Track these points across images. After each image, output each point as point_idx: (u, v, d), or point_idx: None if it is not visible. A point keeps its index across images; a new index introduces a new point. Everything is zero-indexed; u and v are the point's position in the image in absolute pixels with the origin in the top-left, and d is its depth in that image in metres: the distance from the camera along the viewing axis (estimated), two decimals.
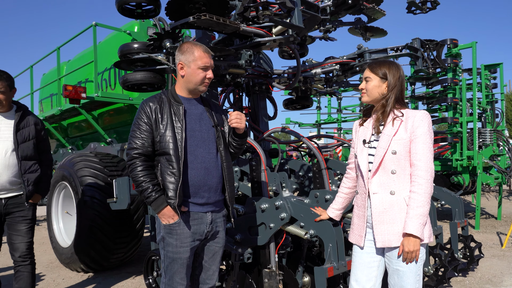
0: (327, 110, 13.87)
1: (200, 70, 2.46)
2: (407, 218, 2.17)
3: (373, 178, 2.29)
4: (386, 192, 2.26)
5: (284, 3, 3.28)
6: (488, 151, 8.06)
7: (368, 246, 2.37)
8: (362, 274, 2.37)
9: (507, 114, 25.70)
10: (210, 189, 2.50)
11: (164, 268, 2.49)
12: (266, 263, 3.30)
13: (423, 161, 2.19)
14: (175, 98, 2.52)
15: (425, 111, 2.29)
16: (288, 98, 6.02)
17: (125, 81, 4.35)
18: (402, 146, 2.23)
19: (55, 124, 8.13)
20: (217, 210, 2.58)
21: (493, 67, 9.30)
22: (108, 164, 5.24)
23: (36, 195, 3.57)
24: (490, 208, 10.41)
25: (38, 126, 3.61)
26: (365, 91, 2.39)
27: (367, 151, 2.37)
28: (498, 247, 6.24)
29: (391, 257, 2.26)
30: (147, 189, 2.36)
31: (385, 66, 2.35)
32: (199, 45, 2.50)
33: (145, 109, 2.45)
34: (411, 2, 4.33)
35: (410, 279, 2.21)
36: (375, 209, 2.27)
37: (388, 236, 2.22)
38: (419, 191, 2.17)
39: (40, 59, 8.01)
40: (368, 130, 2.42)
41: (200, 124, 2.53)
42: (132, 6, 3.86)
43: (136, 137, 2.43)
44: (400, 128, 2.26)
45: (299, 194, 4.64)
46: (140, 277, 5.03)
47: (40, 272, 5.38)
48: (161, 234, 2.46)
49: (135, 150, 2.41)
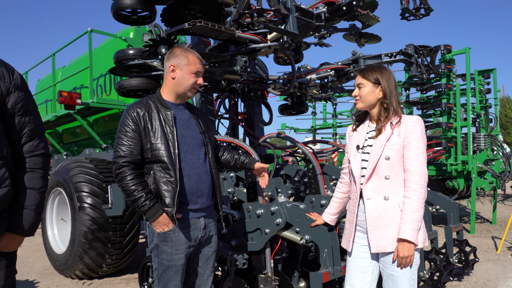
0: (322, 115, 13.91)
1: (192, 75, 2.44)
2: (401, 223, 2.18)
3: (367, 184, 2.30)
4: (380, 198, 2.27)
5: (279, 10, 3.30)
6: (483, 155, 8.11)
7: (362, 251, 2.37)
8: (356, 279, 2.37)
9: (501, 119, 25.86)
10: (202, 195, 2.49)
11: (158, 276, 2.45)
12: (262, 269, 3.30)
13: (416, 166, 2.20)
14: (163, 103, 2.46)
15: (418, 117, 2.30)
16: (283, 103, 6.04)
17: (121, 87, 4.35)
18: (395, 151, 2.24)
19: (50, 130, 8.11)
20: (209, 215, 2.57)
21: (487, 72, 9.39)
22: (103, 170, 5.22)
23: (6, 237, 1.86)
24: (485, 212, 10.45)
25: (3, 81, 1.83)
26: (359, 98, 2.39)
27: (361, 156, 2.38)
28: (493, 252, 6.26)
29: (386, 262, 2.27)
30: (140, 198, 2.29)
31: (376, 71, 2.35)
32: (192, 51, 2.50)
33: (132, 115, 2.38)
34: (405, 9, 4.38)
35: (405, 284, 2.21)
36: (369, 215, 2.28)
37: (383, 241, 2.23)
38: (413, 196, 2.18)
39: (35, 65, 8.01)
40: (361, 135, 2.43)
41: (188, 130, 2.50)
42: (127, 13, 3.87)
43: (123, 144, 2.35)
44: (393, 133, 2.27)
45: (295, 200, 4.65)
46: (135, 283, 5.00)
47: (34, 279, 5.34)
48: (155, 242, 2.42)
49: (123, 158, 2.33)
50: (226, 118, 5.60)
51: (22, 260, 6.51)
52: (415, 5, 4.48)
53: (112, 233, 4.91)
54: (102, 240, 4.85)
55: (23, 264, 6.22)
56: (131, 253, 5.23)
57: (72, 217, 5.01)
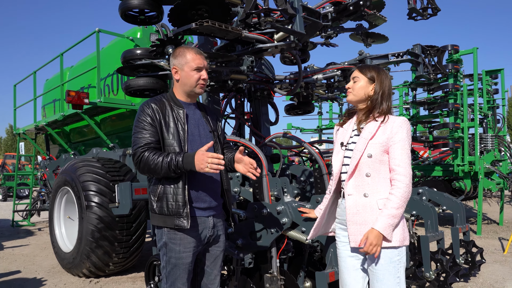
0: (328, 115, 13.88)
1: (194, 71, 2.45)
2: (379, 215, 2.22)
3: (349, 181, 2.35)
4: (360, 194, 2.31)
5: (286, 10, 3.31)
6: (490, 156, 8.06)
7: (349, 249, 2.40)
8: (349, 277, 2.40)
9: (508, 119, 25.67)
10: (211, 193, 2.51)
11: (166, 273, 2.47)
12: (268, 268, 3.31)
13: (402, 166, 2.24)
14: (176, 102, 2.52)
15: (404, 118, 2.35)
16: (289, 103, 6.04)
17: (128, 86, 4.38)
18: (378, 149, 2.28)
19: (57, 130, 8.17)
20: (218, 214, 2.59)
21: (494, 72, 9.33)
22: (110, 169, 5.26)
23: None
24: (491, 213, 10.38)
25: None
26: (351, 90, 2.43)
27: (343, 153, 2.43)
28: (500, 253, 6.22)
29: (369, 259, 2.31)
30: (170, 161, 2.26)
31: (374, 70, 2.40)
32: (191, 47, 2.52)
33: (148, 111, 2.42)
34: (412, 9, 4.36)
35: (390, 281, 2.23)
36: (349, 210, 2.33)
37: (360, 237, 2.27)
38: (396, 193, 2.22)
39: (43, 65, 8.08)
40: (347, 132, 2.47)
41: (199, 129, 2.54)
42: (135, 13, 3.90)
43: (142, 137, 2.37)
44: (378, 131, 2.31)
45: (301, 199, 4.65)
46: (141, 282, 5.03)
47: (42, 277, 5.39)
48: (163, 240, 2.44)
49: (143, 147, 2.34)
50: (232, 118, 5.62)
51: (30, 258, 6.57)
52: (422, 4, 4.46)
53: (119, 232, 4.94)
54: (109, 239, 4.89)
55: (31, 262, 6.28)
56: (137, 252, 5.26)
57: (80, 215, 5.05)
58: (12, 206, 10.46)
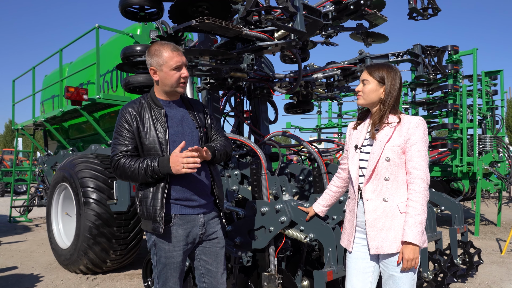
0: (327, 114, 13.88)
1: (173, 71, 2.36)
2: (405, 226, 2.17)
3: (367, 185, 2.28)
4: (379, 199, 2.25)
5: (287, 8, 3.30)
6: (488, 157, 8.07)
7: (363, 251, 2.35)
8: (357, 280, 2.36)
9: (507, 120, 25.72)
10: (200, 192, 2.46)
11: (157, 273, 2.44)
12: (266, 267, 3.31)
13: (419, 169, 2.19)
14: (155, 102, 2.44)
15: (420, 118, 2.28)
16: (289, 102, 6.04)
17: (127, 83, 4.37)
18: (395, 153, 2.22)
19: (56, 126, 8.15)
20: (208, 211, 2.53)
21: (494, 73, 9.33)
22: (108, 166, 5.23)
23: None
24: (489, 214, 10.40)
25: None
26: (361, 94, 2.35)
27: (359, 156, 2.36)
28: (497, 254, 6.24)
29: (387, 263, 2.26)
30: (146, 166, 2.26)
31: (383, 69, 2.31)
32: (166, 44, 2.40)
33: (125, 116, 2.38)
34: (413, 9, 4.35)
35: (406, 284, 2.21)
36: (368, 216, 2.26)
37: (381, 243, 2.22)
38: (417, 199, 2.17)
39: (42, 60, 8.04)
40: (361, 134, 2.41)
41: (182, 127, 2.46)
42: (135, 9, 3.88)
43: (119, 144, 2.36)
44: (394, 134, 2.25)
45: (299, 198, 4.65)
46: (139, 279, 5.02)
47: (39, 273, 5.38)
48: (152, 240, 2.40)
49: (118, 154, 2.35)
50: (231, 116, 5.61)
51: (27, 254, 6.56)
52: (422, 5, 4.45)
53: (116, 229, 4.94)
54: (107, 236, 4.88)
55: (28, 258, 6.27)
56: (135, 249, 5.25)
57: (77, 212, 5.04)
58: (9, 201, 10.44)
